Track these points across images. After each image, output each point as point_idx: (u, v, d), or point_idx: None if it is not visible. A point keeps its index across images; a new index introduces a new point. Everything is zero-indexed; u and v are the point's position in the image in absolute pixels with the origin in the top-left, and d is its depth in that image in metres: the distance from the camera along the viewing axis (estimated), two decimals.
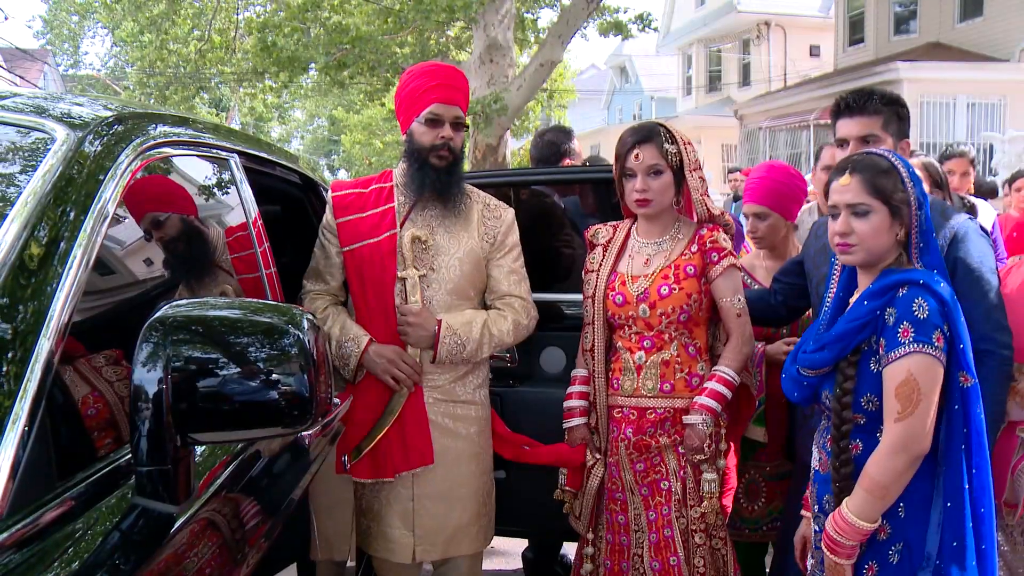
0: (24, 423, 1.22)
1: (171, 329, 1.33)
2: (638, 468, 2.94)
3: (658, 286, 2.87)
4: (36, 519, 1.22)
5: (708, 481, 2.85)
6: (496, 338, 2.94)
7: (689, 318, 2.87)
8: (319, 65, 15.81)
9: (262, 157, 2.73)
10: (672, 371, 2.90)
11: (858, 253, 2.26)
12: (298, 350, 1.36)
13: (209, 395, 1.34)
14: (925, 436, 2.11)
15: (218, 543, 1.56)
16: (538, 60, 15.30)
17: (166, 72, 20.91)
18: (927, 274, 2.18)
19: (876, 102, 2.75)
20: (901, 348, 2.12)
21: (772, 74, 26.93)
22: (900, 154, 2.41)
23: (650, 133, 2.87)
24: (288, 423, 1.38)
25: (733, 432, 3.08)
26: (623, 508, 3.00)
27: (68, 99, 2.03)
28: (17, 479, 1.19)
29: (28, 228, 1.40)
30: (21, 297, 1.33)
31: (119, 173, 1.67)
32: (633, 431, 2.92)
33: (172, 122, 2.10)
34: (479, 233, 2.97)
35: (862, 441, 2.25)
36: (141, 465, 1.35)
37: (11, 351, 1.27)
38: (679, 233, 2.94)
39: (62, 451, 1.37)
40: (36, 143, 1.64)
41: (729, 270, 2.86)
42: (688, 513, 2.89)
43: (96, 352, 1.58)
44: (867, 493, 2.15)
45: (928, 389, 2.10)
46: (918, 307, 2.12)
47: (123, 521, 1.37)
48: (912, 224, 2.24)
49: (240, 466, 1.80)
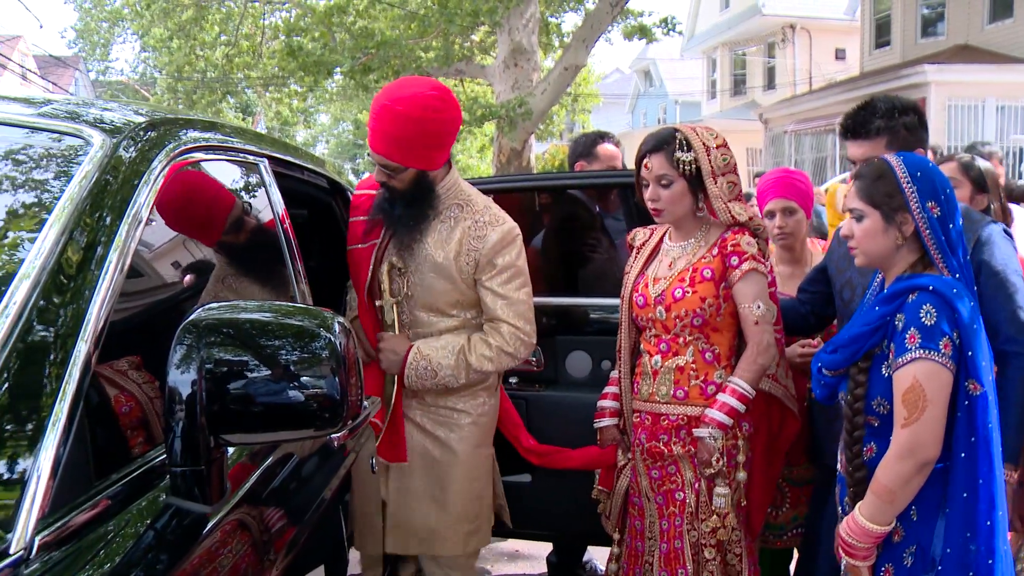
0: (64, 424, 1.25)
1: (205, 332, 1.35)
2: (653, 475, 2.93)
3: (673, 289, 2.85)
4: (74, 518, 1.24)
5: (720, 496, 2.80)
6: (474, 367, 2.86)
7: (704, 323, 2.82)
8: (344, 69, 15.88)
9: (290, 161, 2.75)
10: (687, 377, 2.86)
11: (859, 256, 2.37)
12: (329, 353, 1.37)
13: (242, 397, 1.35)
14: (932, 443, 2.12)
15: (250, 543, 1.58)
16: (562, 64, 15.32)
17: (194, 77, 21.09)
18: (939, 280, 2.18)
19: (877, 124, 2.74)
20: (908, 354, 2.14)
21: (797, 77, 26.79)
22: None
23: (661, 143, 2.84)
24: (319, 425, 1.39)
25: (776, 447, 3.06)
26: (640, 513, 3.01)
27: (100, 105, 2.05)
28: (58, 478, 1.22)
29: (67, 233, 1.43)
30: (60, 301, 1.35)
31: (152, 178, 1.69)
32: (646, 437, 2.92)
33: (202, 127, 2.12)
34: (459, 251, 2.87)
35: (876, 444, 2.27)
36: (175, 465, 1.36)
37: (52, 354, 1.29)
38: (705, 237, 2.91)
39: (99, 452, 1.39)
40: (73, 149, 1.66)
41: (749, 275, 2.78)
42: (699, 527, 2.85)
43: (131, 354, 1.60)
44: (876, 497, 2.18)
45: (934, 396, 2.11)
46: (925, 313, 2.14)
47: (157, 521, 1.39)
48: (921, 228, 2.24)
49: (272, 466, 1.82)
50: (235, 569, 1.48)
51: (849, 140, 2.83)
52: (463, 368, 2.85)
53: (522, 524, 3.72)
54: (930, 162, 2.36)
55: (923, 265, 2.28)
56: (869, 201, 2.30)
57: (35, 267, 1.35)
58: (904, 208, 2.25)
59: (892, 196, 2.26)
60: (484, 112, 15.41)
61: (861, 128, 2.78)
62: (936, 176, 2.29)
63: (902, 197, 2.25)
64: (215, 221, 2.14)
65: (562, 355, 3.69)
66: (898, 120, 2.74)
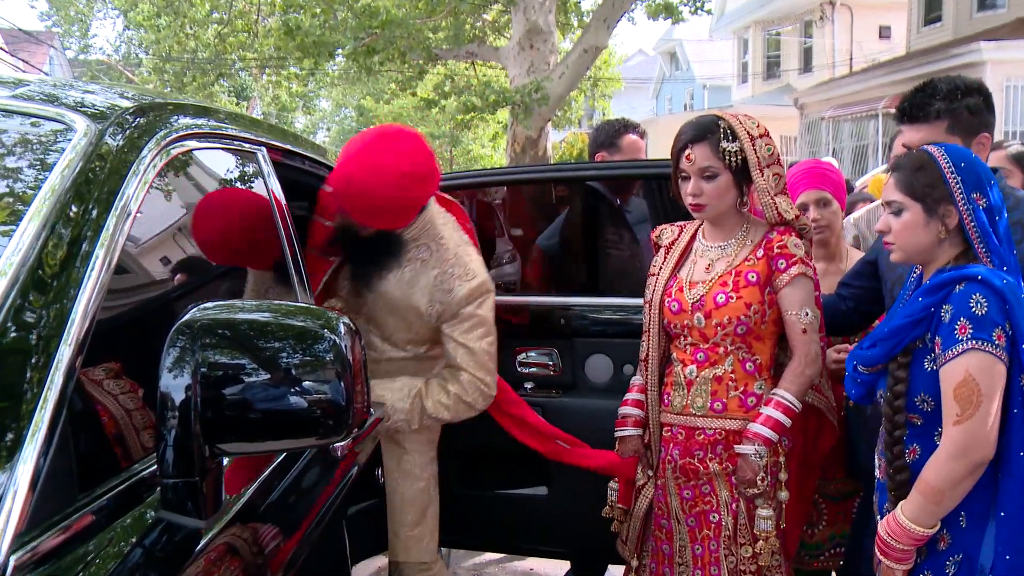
0: (45, 433, 1.24)
1: (199, 333, 1.35)
2: (685, 495, 2.89)
3: (715, 294, 2.79)
4: (55, 535, 1.24)
5: (764, 519, 2.74)
6: (430, 413, 2.93)
7: (748, 331, 2.78)
8: (347, 51, 15.90)
9: (290, 150, 2.75)
10: (725, 388, 2.81)
11: (896, 251, 2.37)
12: (334, 356, 1.37)
13: (239, 403, 1.35)
14: (987, 441, 2.12)
15: (247, 561, 1.58)
16: (581, 46, 15.31)
17: (183, 58, 21.11)
18: (987, 270, 2.19)
19: (937, 107, 2.70)
20: (959, 346, 2.14)
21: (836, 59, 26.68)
22: (975, 151, 2.43)
23: (704, 131, 2.77)
24: (323, 433, 1.39)
25: (811, 461, 3.03)
26: (668, 537, 2.96)
27: (81, 87, 2.04)
28: (37, 492, 1.21)
29: (48, 227, 1.42)
30: (42, 300, 1.35)
31: (142, 168, 1.69)
32: (680, 453, 2.87)
33: (195, 112, 2.12)
34: (429, 299, 2.93)
35: (920, 445, 2.28)
36: (167, 477, 1.37)
37: (32, 357, 1.29)
38: (747, 237, 2.85)
39: (83, 462, 1.38)
40: (54, 135, 1.66)
41: (798, 279, 2.74)
42: (738, 552, 2.81)
43: (119, 358, 1.60)
44: (923, 497, 2.18)
45: (989, 390, 2.11)
46: (976, 303, 2.14)
47: (146, 537, 1.39)
48: (967, 220, 2.25)
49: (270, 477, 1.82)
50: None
51: (905, 124, 2.79)
52: (417, 413, 2.93)
53: (537, 541, 3.72)
54: (972, 152, 2.36)
55: (965, 259, 2.28)
56: (910, 193, 2.30)
57: (13, 264, 1.34)
58: (948, 200, 2.26)
59: (935, 187, 2.26)
60: (497, 98, 15.43)
61: (919, 111, 2.73)
62: (980, 166, 2.29)
63: (946, 188, 2.25)
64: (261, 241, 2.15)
65: (581, 359, 3.68)
66: (960, 102, 2.70)
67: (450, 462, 3.83)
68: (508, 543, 4.07)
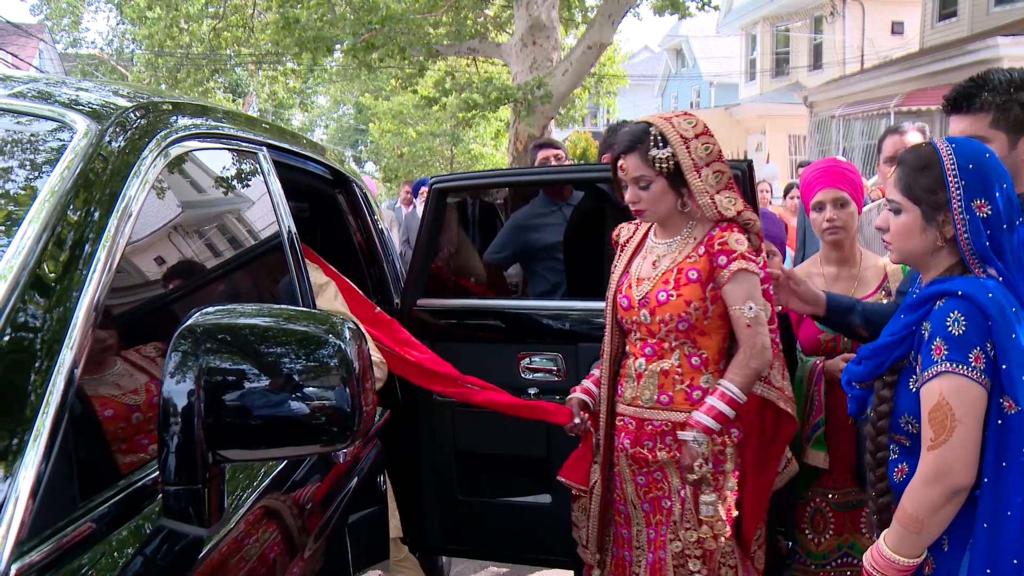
0: (46, 439, 1.25)
1: (202, 338, 1.36)
2: (639, 481, 3.03)
3: (658, 291, 2.91)
4: (56, 542, 1.24)
5: (706, 504, 2.86)
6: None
7: (691, 327, 2.89)
8: (345, 46, 15.90)
9: (291, 149, 2.76)
10: (671, 382, 2.93)
11: (893, 252, 2.31)
12: (339, 361, 1.38)
13: (242, 409, 1.36)
14: (963, 467, 2.04)
15: (250, 570, 1.59)
16: (586, 42, 15.32)
17: (176, 53, 21.07)
18: (973, 283, 2.10)
19: (985, 97, 2.63)
20: (934, 367, 2.07)
21: (847, 55, 26.64)
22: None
23: (634, 142, 2.89)
24: (327, 440, 1.40)
25: (768, 452, 3.08)
26: (627, 521, 3.10)
27: (76, 84, 2.05)
28: (39, 499, 1.22)
29: (49, 229, 1.43)
30: (44, 304, 1.36)
31: (144, 169, 1.70)
32: (631, 442, 3.00)
33: (196, 112, 2.13)
34: None
35: (908, 464, 2.21)
36: (169, 484, 1.37)
37: (34, 362, 1.30)
38: (692, 234, 2.97)
39: (84, 469, 1.39)
40: (53, 135, 1.66)
41: (739, 275, 2.83)
42: (684, 536, 2.92)
43: (121, 362, 1.61)
44: (902, 526, 2.12)
45: (964, 415, 2.03)
46: (953, 321, 2.06)
47: (148, 545, 1.40)
48: (960, 231, 2.15)
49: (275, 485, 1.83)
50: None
51: (952, 115, 2.74)
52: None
53: (541, 550, 3.72)
54: (988, 150, 2.23)
55: (962, 269, 2.19)
56: (909, 195, 2.21)
57: (13, 267, 1.35)
58: (946, 207, 2.16)
59: (935, 192, 2.17)
60: (499, 95, 15.43)
61: (965, 100, 2.67)
62: (992, 168, 2.17)
63: (946, 193, 2.15)
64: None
65: (584, 364, 3.69)
66: (1013, 96, 2.61)
67: (453, 470, 3.85)
68: (511, 552, 4.07)
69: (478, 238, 5.29)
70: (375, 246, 3.75)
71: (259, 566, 1.65)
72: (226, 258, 2.18)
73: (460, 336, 3.82)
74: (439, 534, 3.96)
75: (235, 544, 1.57)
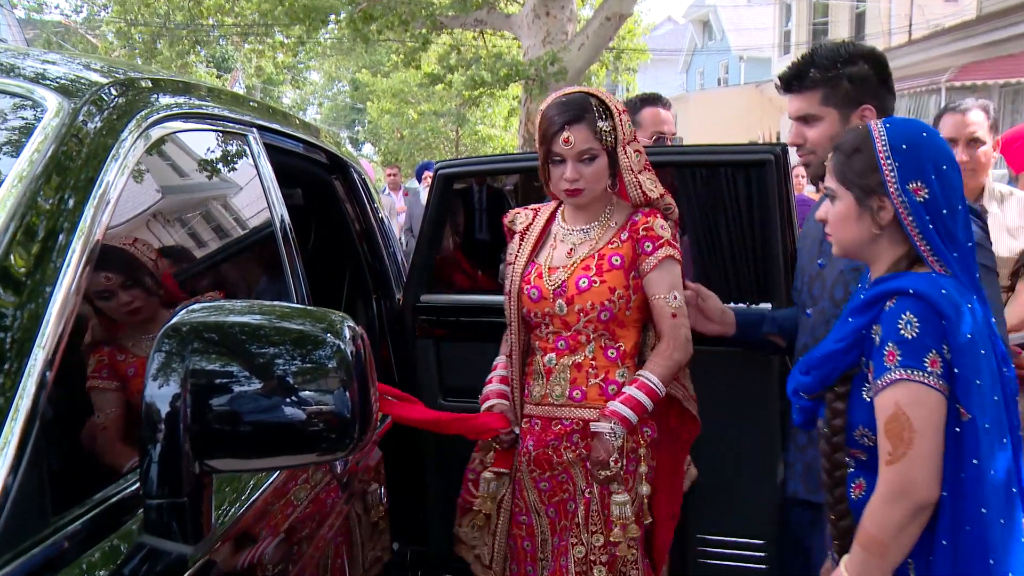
0: (15, 448, 1.25)
1: (189, 337, 1.35)
2: (542, 487, 3.02)
3: (577, 278, 2.90)
4: (24, 562, 1.24)
5: (619, 504, 2.84)
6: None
7: (612, 317, 2.89)
8: (341, 17, 15.89)
9: (284, 132, 2.76)
10: (585, 376, 2.93)
11: (834, 245, 2.34)
12: (337, 363, 1.38)
13: (232, 415, 1.36)
14: (925, 481, 2.03)
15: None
16: (603, 13, 15.28)
17: (153, 22, 21.03)
18: (925, 280, 2.09)
19: (813, 72, 2.78)
20: (887, 375, 2.06)
21: (894, 25, 26.55)
22: (856, 124, 2.50)
23: (581, 111, 2.85)
24: (325, 449, 1.40)
25: (677, 458, 3.10)
26: (529, 532, 3.08)
27: (46, 57, 2.04)
28: (5, 515, 1.21)
29: (17, 218, 1.42)
30: (13, 301, 1.35)
31: (123, 152, 1.70)
32: (535, 444, 2.99)
33: (179, 89, 2.13)
34: None
35: (865, 480, 2.21)
36: (151, 497, 1.37)
37: (2, 364, 1.29)
38: (611, 219, 2.97)
39: (57, 481, 1.38)
40: (19, 114, 1.66)
41: (665, 262, 2.87)
42: (590, 540, 2.91)
43: (99, 364, 1.60)
44: (864, 550, 2.11)
45: (923, 425, 2.02)
46: (905, 324, 2.05)
47: (127, 564, 1.40)
48: (902, 214, 2.14)
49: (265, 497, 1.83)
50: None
51: (786, 95, 2.89)
52: None
53: None
54: (928, 129, 2.23)
55: (910, 260, 2.20)
56: (842, 180, 2.25)
57: None
58: (881, 190, 2.17)
59: (866, 175, 2.19)
60: (509, 72, 15.44)
61: (795, 80, 2.83)
62: (927, 149, 2.16)
63: (879, 175, 2.17)
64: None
65: None
66: (841, 71, 2.76)
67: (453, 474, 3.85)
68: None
69: (487, 229, 5.28)
70: (375, 237, 3.75)
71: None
72: (213, 250, 2.18)
73: (467, 336, 3.82)
74: (445, 551, 3.96)
75: (223, 563, 1.57)
